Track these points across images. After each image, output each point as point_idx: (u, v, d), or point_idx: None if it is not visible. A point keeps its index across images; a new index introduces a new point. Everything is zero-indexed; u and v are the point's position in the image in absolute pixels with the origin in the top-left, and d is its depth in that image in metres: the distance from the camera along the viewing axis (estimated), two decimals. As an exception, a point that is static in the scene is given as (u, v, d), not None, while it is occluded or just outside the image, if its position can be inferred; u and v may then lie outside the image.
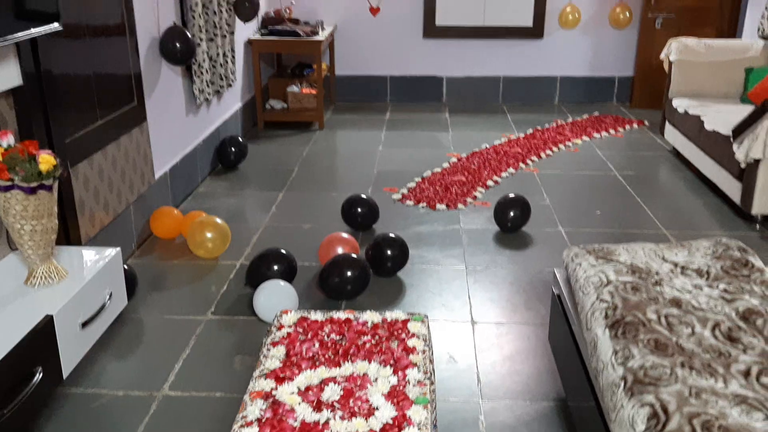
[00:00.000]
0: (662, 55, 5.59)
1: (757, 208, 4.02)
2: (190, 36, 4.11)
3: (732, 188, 4.26)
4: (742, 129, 4.08)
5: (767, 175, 3.93)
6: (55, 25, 2.61)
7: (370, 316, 2.22)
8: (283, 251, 3.34)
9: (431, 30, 7.09)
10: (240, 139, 5.20)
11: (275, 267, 3.23)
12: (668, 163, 5.38)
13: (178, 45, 4.01)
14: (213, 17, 4.79)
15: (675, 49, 5.42)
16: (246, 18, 5.43)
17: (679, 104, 5.21)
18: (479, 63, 7.23)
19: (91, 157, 3.22)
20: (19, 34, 2.38)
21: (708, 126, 4.61)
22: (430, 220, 4.27)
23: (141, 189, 3.78)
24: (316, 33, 6.30)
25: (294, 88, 6.45)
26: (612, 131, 6.21)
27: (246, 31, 6.07)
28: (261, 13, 6.44)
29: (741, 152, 4.00)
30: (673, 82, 5.44)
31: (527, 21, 6.97)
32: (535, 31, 7.02)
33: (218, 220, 3.67)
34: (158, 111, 4.07)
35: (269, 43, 6.22)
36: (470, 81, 7.29)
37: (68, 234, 3.00)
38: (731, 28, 6.60)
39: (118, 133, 3.49)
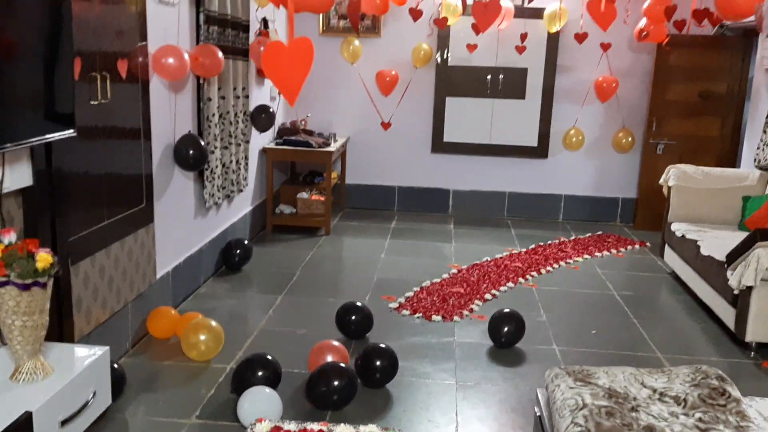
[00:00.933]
0: (661, 181, 5.74)
1: (751, 336, 4.01)
2: (203, 144, 4.32)
3: (727, 314, 4.26)
4: (735, 256, 4.14)
5: (760, 302, 3.95)
6: (70, 131, 2.79)
7: (343, 430, 2.23)
8: (268, 357, 3.36)
9: (439, 145, 7.36)
10: (245, 242, 5.33)
11: (260, 373, 3.25)
12: (667, 286, 5.41)
13: (191, 152, 4.21)
14: (229, 127, 5.05)
15: (673, 176, 5.57)
16: (262, 129, 5.70)
17: (678, 228, 5.30)
18: (485, 178, 7.45)
19: (94, 256, 3.33)
20: (35, 139, 2.55)
21: (704, 251, 4.67)
22: (425, 332, 4.29)
23: (141, 288, 3.86)
24: (328, 144, 6.57)
25: (304, 195, 6.65)
26: (614, 251, 6.28)
27: (262, 139, 6.35)
28: (277, 123, 6.75)
29: (734, 279, 4.03)
30: (672, 207, 5.56)
31: (532, 141, 7.22)
32: (540, 151, 7.26)
33: (213, 323, 3.72)
34: (166, 213, 4.22)
35: (283, 152, 6.48)
36: (476, 195, 7.48)
37: (62, 330, 3.06)
38: (731, 156, 6.79)
39: (124, 233, 3.62)
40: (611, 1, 4.97)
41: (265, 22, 5.90)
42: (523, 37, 6.43)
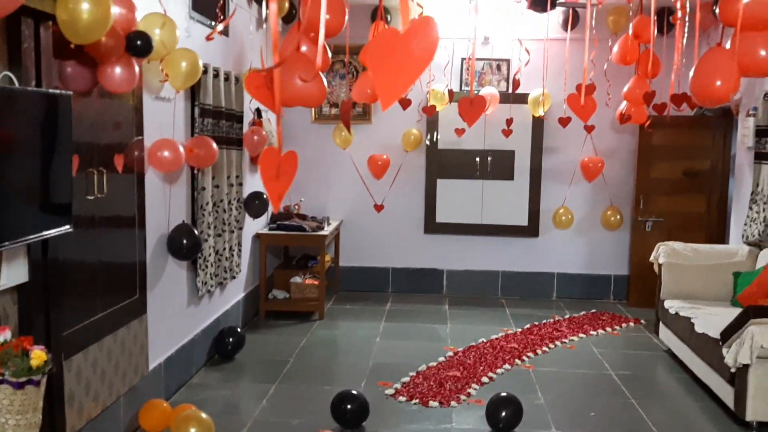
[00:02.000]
0: (652, 258, 5.80)
1: (752, 415, 3.97)
2: (197, 233, 4.37)
3: (725, 392, 4.23)
4: (729, 333, 4.14)
5: (758, 380, 3.93)
6: (67, 227, 2.83)
7: None
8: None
9: (432, 226, 7.44)
10: (238, 330, 5.30)
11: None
12: (664, 364, 5.37)
13: (185, 242, 4.25)
14: (223, 214, 5.11)
15: (663, 253, 5.64)
16: (255, 215, 5.77)
17: (671, 305, 5.32)
18: (478, 258, 7.49)
19: (87, 349, 3.32)
20: (32, 236, 2.59)
21: (698, 329, 4.67)
22: (422, 419, 4.23)
23: (133, 380, 3.82)
24: (321, 228, 6.64)
25: (297, 279, 6.66)
26: (609, 329, 6.26)
27: (255, 225, 6.41)
28: (271, 208, 6.84)
29: (730, 357, 4.02)
30: (664, 284, 5.59)
31: (523, 220, 7.32)
32: (531, 229, 7.34)
33: (203, 415, 3.67)
34: (159, 303, 4.22)
35: (276, 237, 6.54)
36: (470, 274, 7.50)
37: (54, 427, 3.01)
38: (719, 232, 6.88)
39: (117, 325, 3.62)
40: (590, 95, 5.18)
41: (258, 112, 6.07)
42: (509, 122, 6.61)
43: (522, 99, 6.95)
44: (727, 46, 3.05)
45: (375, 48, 1.18)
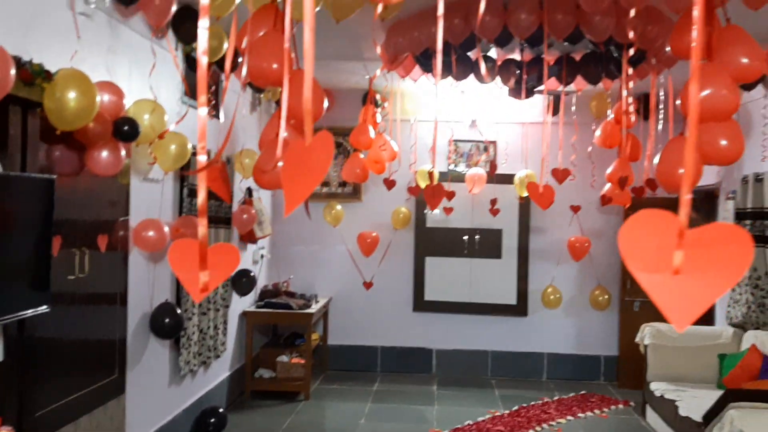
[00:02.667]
0: (637, 339, 5.80)
1: (737, 503, 3.89)
2: (180, 312, 4.39)
3: (711, 479, 4.16)
4: (711, 416, 4.11)
5: (741, 467, 3.87)
6: (44, 308, 2.87)
7: None
8: None
9: (421, 304, 7.46)
10: (220, 410, 5.23)
11: None
12: (652, 448, 5.29)
13: (167, 320, 4.28)
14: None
15: (649, 334, 5.64)
16: (242, 293, 5.80)
17: (657, 388, 5.28)
18: (468, 337, 7.47)
19: (62, 430, 3.29)
20: (8, 316, 2.63)
21: (682, 412, 4.63)
22: (402, 505, 4.14)
23: (108, 462, 3.77)
24: (308, 306, 6.65)
25: (284, 358, 6.62)
26: (597, 411, 6.18)
27: (242, 303, 6.43)
28: (259, 286, 6.87)
29: (713, 442, 3.98)
30: (649, 366, 5.57)
31: (511, 299, 7.34)
32: (520, 309, 7.35)
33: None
34: (139, 382, 4.20)
35: (263, 315, 6.54)
36: (459, 354, 7.46)
37: None
38: (706, 314, 6.86)
39: (94, 405, 3.60)
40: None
41: (249, 191, 6.20)
42: (494, 202, 6.74)
43: (508, 179, 7.10)
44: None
45: (286, 158, 1.25)
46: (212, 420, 5.12)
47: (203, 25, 1.29)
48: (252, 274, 5.85)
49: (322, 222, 7.19)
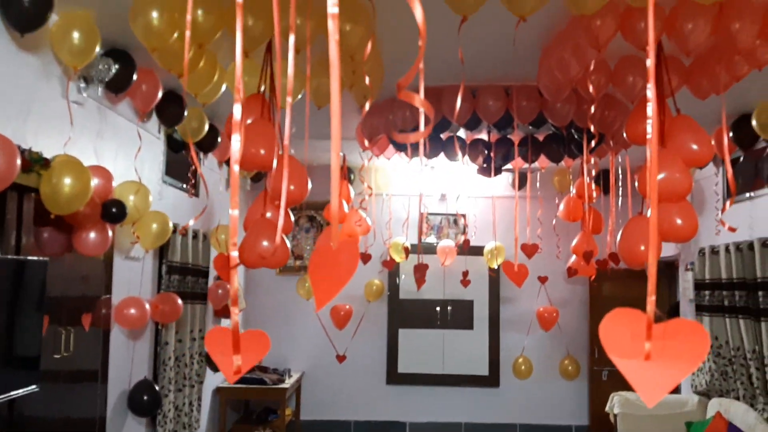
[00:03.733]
0: (607, 408, 5.92)
1: None
2: (157, 389, 4.41)
3: None
4: (682, 485, 4.22)
5: None
6: (33, 387, 2.91)
7: None
8: None
9: (394, 377, 7.49)
10: (195, 489, 5.17)
11: None
12: None
13: (145, 398, 4.29)
14: (184, 369, 5.16)
15: (617, 403, 5.77)
16: (216, 368, 5.80)
17: (628, 457, 5.38)
18: (441, 409, 7.49)
19: None
20: (1, 396, 2.67)
21: (654, 481, 4.73)
22: None
23: None
24: (282, 381, 6.65)
25: (257, 434, 6.56)
26: (571, 482, 6.23)
27: (215, 378, 6.40)
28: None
29: None
30: (620, 435, 5.68)
31: (483, 370, 7.44)
32: (492, 379, 7.44)
33: None
34: (116, 461, 4.17)
35: (236, 391, 6.52)
36: (433, 426, 7.47)
37: None
38: (672, 380, 7.05)
39: (71, 486, 3.57)
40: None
41: (224, 265, 6.28)
42: (465, 273, 6.92)
43: (478, 251, 7.30)
44: (648, 213, 3.43)
45: (313, 259, 1.41)
46: (186, 500, 5.05)
47: (235, 139, 1.43)
48: (227, 348, 5.87)
49: (295, 295, 7.26)
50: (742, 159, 5.41)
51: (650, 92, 1.41)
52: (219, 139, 5.42)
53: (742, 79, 3.49)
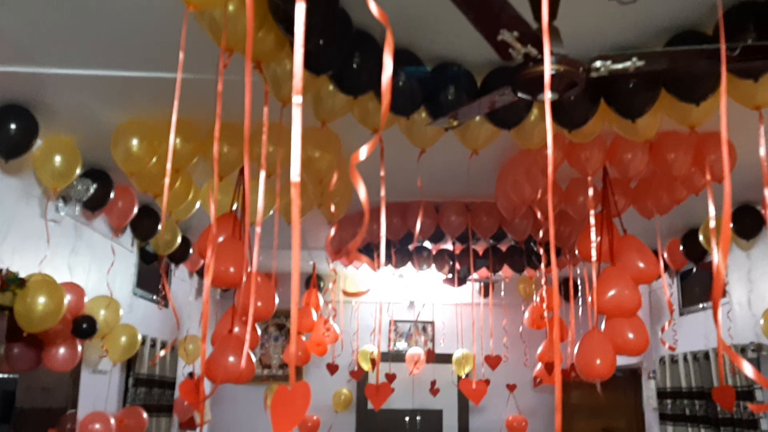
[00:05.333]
0: None
1: None
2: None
3: None
4: None
5: None
6: None
7: None
8: None
9: (363, 490, 7.31)
10: None
11: None
12: None
13: None
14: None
15: None
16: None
17: None
18: None
19: None
20: None
21: None
22: None
23: None
24: (247, 495, 6.46)
25: None
26: None
27: (179, 493, 6.22)
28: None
29: None
30: None
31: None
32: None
33: None
34: None
35: (200, 506, 6.30)
36: None
37: None
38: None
39: None
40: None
41: (191, 375, 6.23)
42: (433, 383, 6.95)
43: (446, 359, 7.36)
44: (602, 327, 3.59)
45: (274, 398, 1.53)
46: None
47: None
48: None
49: (262, 406, 7.17)
50: (694, 271, 5.67)
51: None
52: (191, 251, 5.55)
53: (683, 202, 3.77)
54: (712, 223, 2.94)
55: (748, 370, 1.72)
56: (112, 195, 3.98)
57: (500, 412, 7.42)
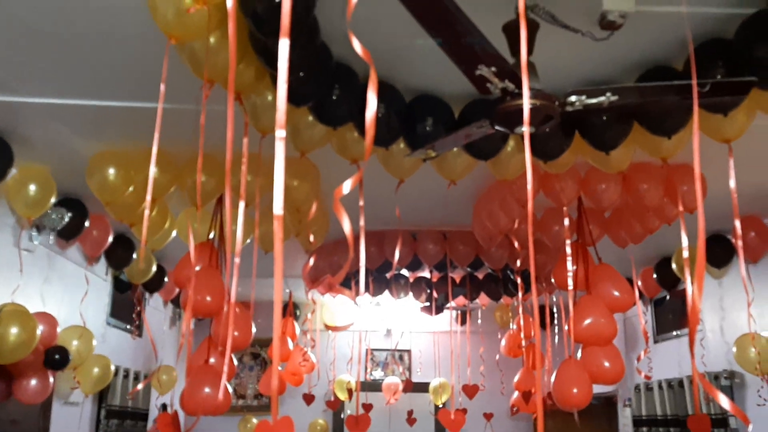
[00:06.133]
0: None
1: None
2: None
3: None
4: None
5: None
6: None
7: None
8: None
9: None
10: None
11: None
12: None
13: None
14: None
15: None
16: None
17: None
18: None
19: None
20: None
21: None
22: None
23: None
24: None
25: None
26: None
27: None
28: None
29: None
30: None
31: None
32: None
33: None
34: None
35: None
36: None
37: None
38: None
39: None
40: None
41: (164, 406, 6.13)
42: (410, 412, 6.91)
43: (423, 387, 7.32)
44: (578, 355, 3.61)
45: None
46: None
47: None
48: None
49: (238, 438, 7.07)
50: (668, 298, 5.74)
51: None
52: (165, 279, 5.49)
53: (656, 231, 3.83)
54: (685, 253, 3.00)
55: (724, 402, 1.75)
56: (86, 224, 3.94)
57: (477, 441, 7.38)
